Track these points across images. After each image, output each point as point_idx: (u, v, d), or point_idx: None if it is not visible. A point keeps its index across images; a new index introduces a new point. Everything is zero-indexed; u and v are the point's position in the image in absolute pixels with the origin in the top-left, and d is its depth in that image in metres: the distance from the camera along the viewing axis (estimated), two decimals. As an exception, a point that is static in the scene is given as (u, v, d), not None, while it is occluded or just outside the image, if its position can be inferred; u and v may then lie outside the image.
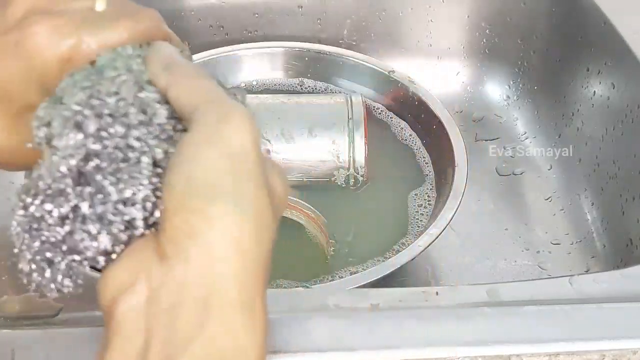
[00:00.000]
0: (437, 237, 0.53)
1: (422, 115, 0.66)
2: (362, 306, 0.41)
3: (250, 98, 0.67)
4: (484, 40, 0.78)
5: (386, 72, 0.69)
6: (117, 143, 0.26)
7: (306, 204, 0.58)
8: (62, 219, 0.25)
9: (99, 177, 0.25)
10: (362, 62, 0.71)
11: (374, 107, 0.69)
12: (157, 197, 0.26)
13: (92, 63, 0.28)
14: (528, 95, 0.77)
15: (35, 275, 0.26)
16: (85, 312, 0.41)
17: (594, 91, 0.67)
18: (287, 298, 0.41)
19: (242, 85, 0.73)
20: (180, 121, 0.27)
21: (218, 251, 0.24)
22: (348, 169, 0.61)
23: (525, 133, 0.75)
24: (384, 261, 0.55)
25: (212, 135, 0.25)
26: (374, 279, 0.50)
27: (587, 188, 0.67)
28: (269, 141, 0.60)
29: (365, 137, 0.61)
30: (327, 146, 0.61)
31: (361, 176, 0.61)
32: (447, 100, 0.74)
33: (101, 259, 0.26)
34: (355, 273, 0.54)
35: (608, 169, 0.64)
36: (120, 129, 0.26)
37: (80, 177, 0.25)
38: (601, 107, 0.66)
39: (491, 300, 0.42)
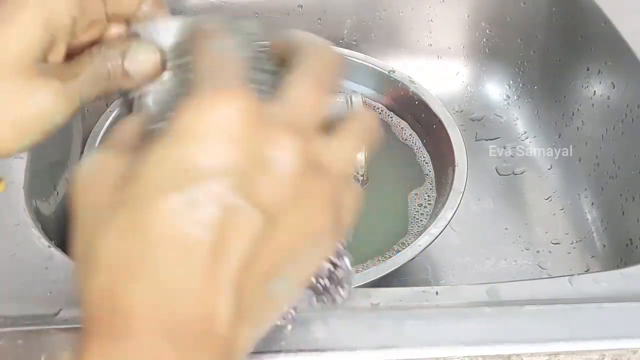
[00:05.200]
0: (437, 236, 0.53)
1: (422, 115, 0.66)
2: (362, 306, 0.41)
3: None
4: (484, 40, 0.78)
5: (386, 72, 0.69)
6: None
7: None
8: None
9: None
10: (362, 62, 0.71)
11: (374, 107, 0.69)
12: None
13: None
14: (528, 95, 0.77)
15: None
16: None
17: (594, 91, 0.67)
18: (287, 298, 0.41)
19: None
20: None
21: None
22: (348, 168, 0.61)
23: (525, 133, 0.75)
24: (384, 261, 0.55)
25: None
26: (374, 278, 0.50)
27: (587, 188, 0.67)
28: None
29: (365, 137, 0.61)
30: (327, 146, 0.61)
31: (361, 176, 0.61)
32: (447, 100, 0.74)
33: None
34: (355, 273, 0.54)
35: (608, 169, 0.64)
36: None
37: None
38: (601, 107, 0.66)
39: (491, 300, 0.42)
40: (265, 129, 0.23)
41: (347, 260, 0.30)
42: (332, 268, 0.30)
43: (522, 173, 0.72)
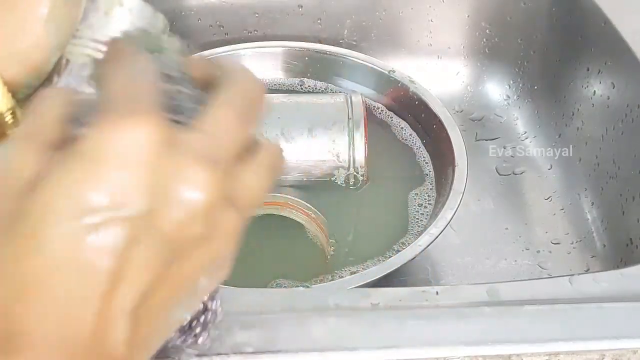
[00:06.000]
0: (437, 236, 0.53)
1: (422, 115, 0.66)
2: (362, 306, 0.41)
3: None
4: (484, 40, 0.78)
5: (386, 72, 0.69)
6: None
7: (306, 204, 0.58)
8: None
9: None
10: (362, 62, 0.71)
11: (374, 106, 0.69)
12: None
13: None
14: (528, 95, 0.77)
15: None
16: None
17: (594, 91, 0.67)
18: (287, 298, 0.41)
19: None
20: None
21: None
22: (348, 168, 0.61)
23: (525, 133, 0.75)
24: (384, 261, 0.55)
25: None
26: (374, 278, 0.50)
27: (587, 188, 0.67)
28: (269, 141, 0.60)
29: (365, 136, 0.61)
30: (327, 146, 0.61)
31: (361, 176, 0.61)
32: (447, 100, 0.74)
33: None
34: (355, 273, 0.54)
35: (608, 169, 0.64)
36: None
37: None
38: (601, 107, 0.66)
39: (491, 300, 0.42)
40: (176, 159, 0.23)
41: (218, 302, 0.30)
42: (202, 308, 0.30)
43: (522, 173, 0.72)
